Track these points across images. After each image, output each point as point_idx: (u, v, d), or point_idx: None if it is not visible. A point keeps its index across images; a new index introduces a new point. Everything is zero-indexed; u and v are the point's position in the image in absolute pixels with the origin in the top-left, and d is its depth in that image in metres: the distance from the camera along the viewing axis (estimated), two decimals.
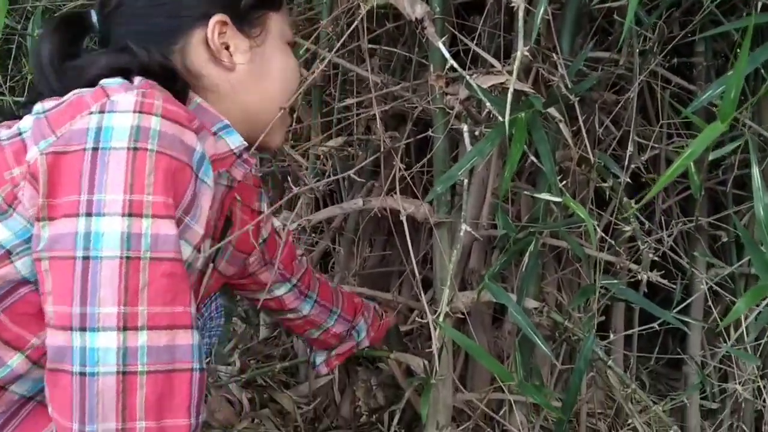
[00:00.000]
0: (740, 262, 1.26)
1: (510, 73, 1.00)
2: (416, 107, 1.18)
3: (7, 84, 1.74)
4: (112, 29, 0.78)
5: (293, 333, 1.33)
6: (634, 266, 1.09)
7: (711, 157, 0.84)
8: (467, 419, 1.26)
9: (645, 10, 1.08)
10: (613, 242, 1.05)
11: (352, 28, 0.97)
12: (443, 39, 1.03)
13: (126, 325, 0.60)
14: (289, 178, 1.18)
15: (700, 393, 1.39)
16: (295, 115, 1.35)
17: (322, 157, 1.31)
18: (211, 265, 0.89)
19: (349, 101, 1.21)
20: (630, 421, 1.20)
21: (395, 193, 1.10)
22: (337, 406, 1.44)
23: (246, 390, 1.37)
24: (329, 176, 1.20)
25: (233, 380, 1.34)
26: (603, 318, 1.11)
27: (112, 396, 0.59)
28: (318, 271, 1.21)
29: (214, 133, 0.75)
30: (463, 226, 1.03)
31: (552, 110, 0.99)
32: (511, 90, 0.79)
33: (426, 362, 1.19)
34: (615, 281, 1.00)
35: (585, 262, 1.09)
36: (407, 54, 1.35)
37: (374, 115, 1.20)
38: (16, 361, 0.66)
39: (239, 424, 1.30)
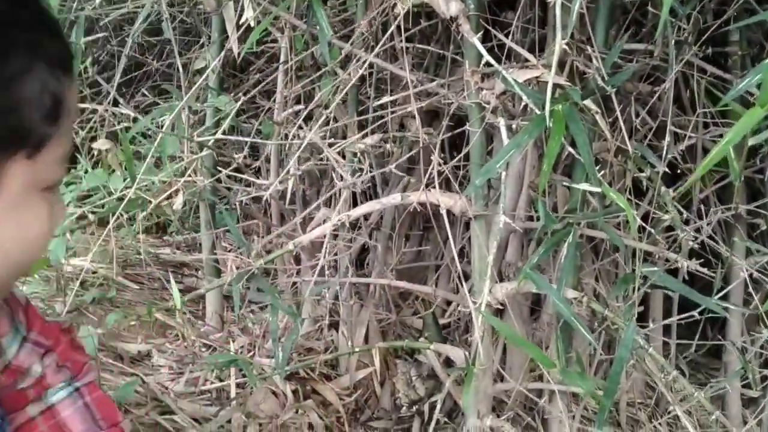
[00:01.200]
0: None
1: (545, 66, 1.02)
2: (451, 103, 1.20)
3: None
4: None
5: None
6: (672, 255, 1.10)
7: (750, 142, 0.85)
8: (505, 409, 1.28)
9: (679, 1, 1.09)
10: (652, 231, 1.06)
11: (390, 31, 1.00)
12: (478, 35, 1.05)
13: None
14: (333, 175, 1.21)
15: (740, 382, 1.39)
16: (331, 113, 1.37)
17: (358, 154, 1.34)
18: None
19: (385, 99, 1.24)
20: (670, 409, 1.21)
21: (433, 187, 1.13)
22: (378, 397, 1.47)
23: (289, 382, 1.40)
24: (366, 173, 1.22)
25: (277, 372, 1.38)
26: (642, 308, 1.12)
27: None
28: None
29: None
30: (502, 218, 1.05)
31: (588, 102, 1.00)
32: (550, 84, 0.81)
33: (466, 353, 1.22)
34: (655, 269, 1.00)
35: (623, 251, 1.10)
36: (440, 51, 1.37)
37: (408, 111, 1.22)
38: None
39: (284, 414, 1.33)
